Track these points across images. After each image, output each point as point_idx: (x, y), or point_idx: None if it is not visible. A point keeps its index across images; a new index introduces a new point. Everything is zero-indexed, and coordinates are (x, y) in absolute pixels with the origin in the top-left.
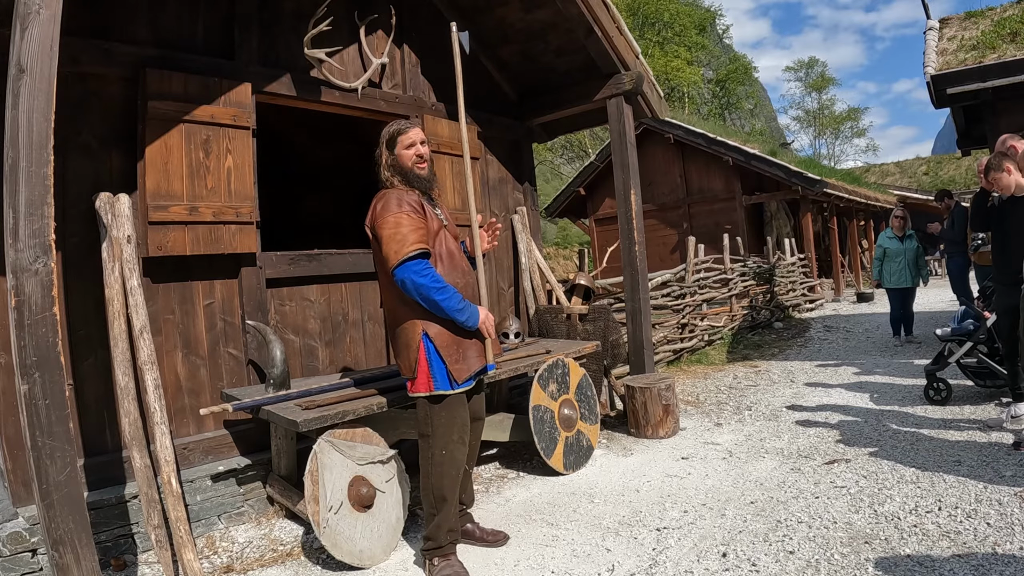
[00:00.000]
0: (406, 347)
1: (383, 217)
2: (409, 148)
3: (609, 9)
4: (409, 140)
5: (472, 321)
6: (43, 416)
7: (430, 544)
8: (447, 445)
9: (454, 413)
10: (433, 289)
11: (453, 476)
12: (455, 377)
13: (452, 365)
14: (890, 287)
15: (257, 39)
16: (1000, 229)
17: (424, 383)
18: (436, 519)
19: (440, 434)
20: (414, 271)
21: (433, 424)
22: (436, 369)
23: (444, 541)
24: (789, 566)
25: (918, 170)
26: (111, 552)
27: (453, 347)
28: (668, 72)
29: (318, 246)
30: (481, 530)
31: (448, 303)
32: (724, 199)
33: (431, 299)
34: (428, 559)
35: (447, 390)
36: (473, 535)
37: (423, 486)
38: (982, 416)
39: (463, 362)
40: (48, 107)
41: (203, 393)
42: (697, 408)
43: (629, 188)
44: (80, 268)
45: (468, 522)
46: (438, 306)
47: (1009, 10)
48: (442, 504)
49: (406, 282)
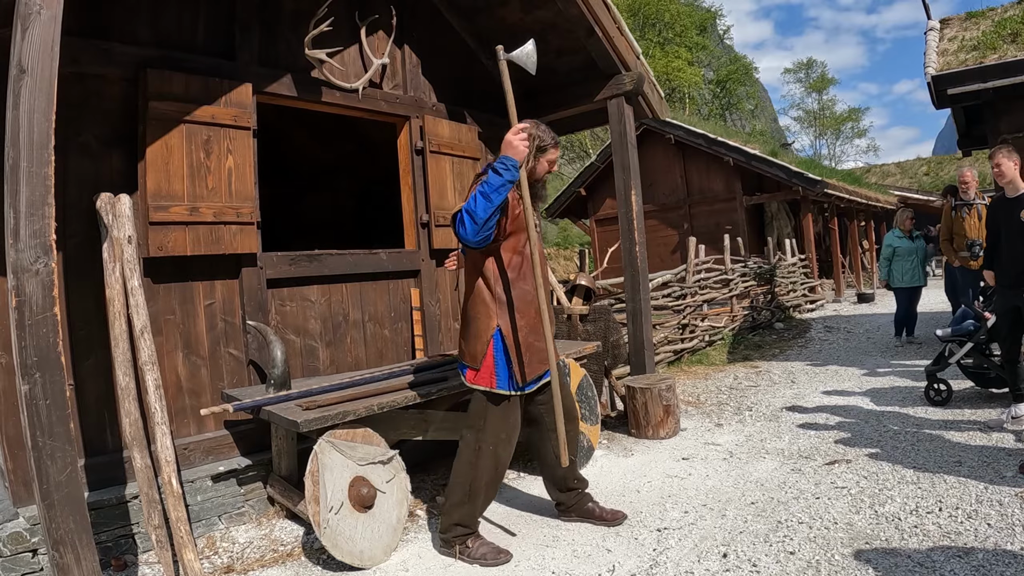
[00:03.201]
0: (476, 337)
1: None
2: (549, 163)
3: (610, 9)
4: (553, 156)
5: (507, 161)
6: (44, 416)
7: (461, 531)
8: (496, 442)
9: (508, 413)
10: (473, 201)
11: (492, 473)
12: (518, 380)
13: (517, 368)
14: (901, 287)
15: (258, 39)
16: (999, 231)
17: (487, 378)
18: (469, 508)
19: (491, 431)
20: (462, 214)
21: (486, 419)
22: (500, 368)
23: (475, 527)
24: (790, 567)
25: (919, 171)
26: (111, 552)
27: (523, 349)
28: (669, 73)
29: (319, 246)
30: (601, 509)
31: (486, 188)
32: (725, 199)
33: (479, 206)
34: (460, 543)
35: (506, 390)
36: (594, 513)
37: (457, 474)
38: (983, 417)
39: (528, 365)
40: (49, 107)
41: (204, 393)
42: (698, 409)
43: (630, 188)
44: (81, 268)
45: (588, 501)
46: (484, 200)
47: (1010, 10)
48: (477, 497)
49: (466, 226)
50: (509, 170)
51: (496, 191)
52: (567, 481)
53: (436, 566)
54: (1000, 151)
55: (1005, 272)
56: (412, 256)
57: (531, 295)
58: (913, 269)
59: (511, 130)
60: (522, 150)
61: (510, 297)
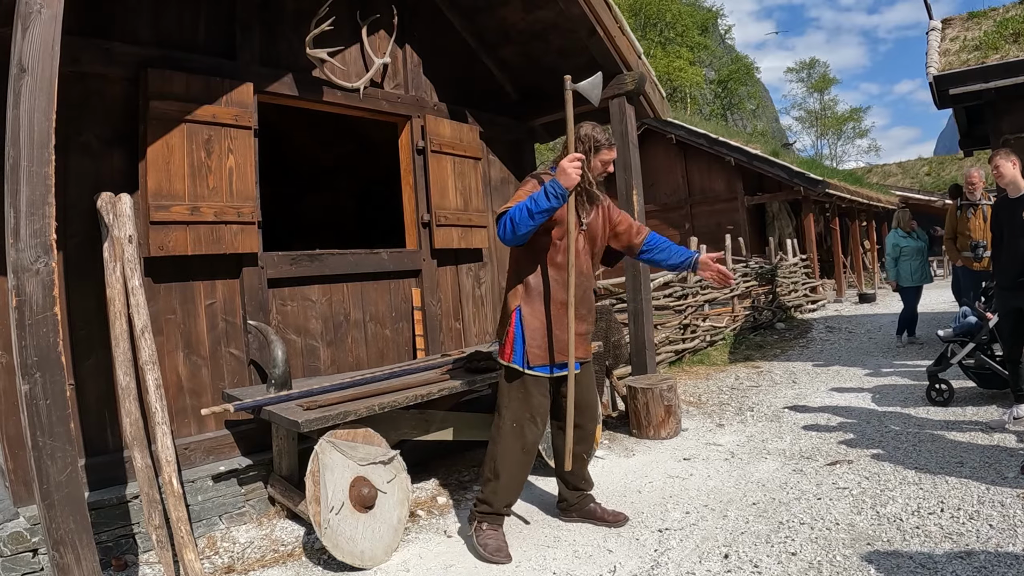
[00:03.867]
0: (505, 317)
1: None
2: (603, 163)
3: (611, 9)
4: (609, 157)
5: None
6: (44, 416)
7: (485, 508)
8: (520, 420)
9: (527, 391)
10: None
11: (516, 453)
12: (528, 359)
13: (530, 347)
14: (909, 285)
15: (259, 39)
16: (1001, 231)
17: (508, 353)
18: (494, 485)
19: (511, 405)
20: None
21: (508, 397)
22: (517, 344)
23: (499, 509)
24: (791, 568)
25: (920, 171)
26: (112, 552)
27: (538, 332)
28: (670, 72)
29: (320, 246)
30: (603, 510)
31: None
32: (726, 199)
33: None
34: (478, 521)
35: (519, 366)
36: (595, 514)
37: (489, 450)
38: (984, 417)
39: (540, 349)
40: (49, 107)
41: (204, 393)
42: (699, 409)
43: (631, 188)
44: (81, 268)
45: (591, 502)
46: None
47: (1012, 10)
48: (498, 475)
49: (506, 230)
50: (557, 197)
51: (541, 213)
52: (576, 479)
53: (437, 566)
54: (998, 153)
55: (1005, 273)
56: (413, 256)
57: (559, 288)
58: (922, 267)
59: (568, 157)
60: (575, 178)
61: (538, 285)
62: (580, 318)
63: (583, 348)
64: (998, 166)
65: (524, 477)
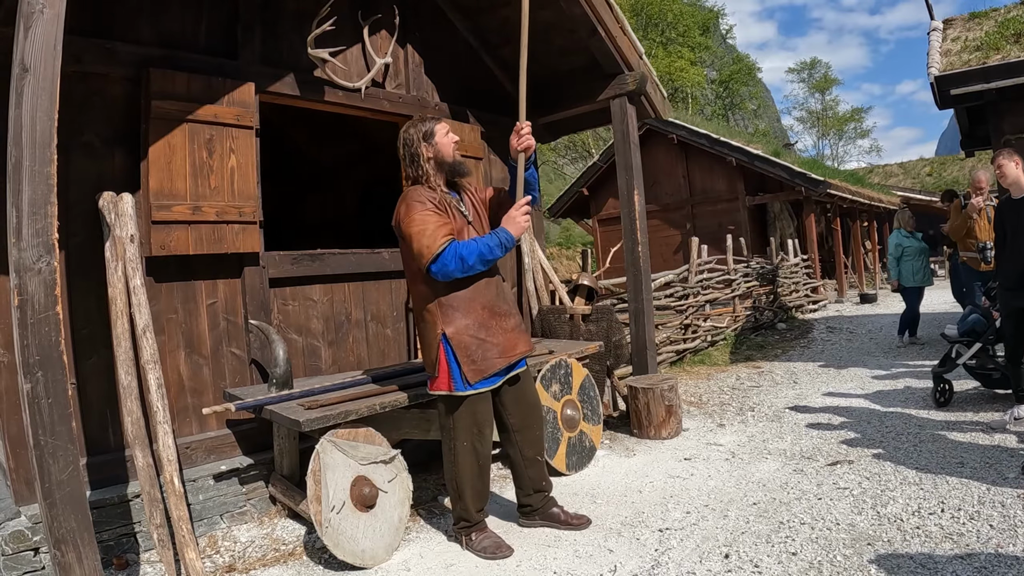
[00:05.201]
0: (428, 347)
1: (409, 216)
2: (447, 137)
3: (613, 9)
4: (445, 130)
5: (510, 239)
6: (46, 415)
7: (464, 524)
8: (468, 438)
9: (473, 409)
10: (469, 256)
11: (473, 467)
12: (468, 379)
13: (467, 367)
14: (913, 286)
15: (260, 39)
16: (1005, 232)
17: (445, 382)
18: (463, 503)
19: (460, 427)
20: (448, 259)
21: (453, 419)
22: (453, 370)
23: (476, 519)
24: (792, 568)
25: (921, 171)
26: (113, 551)
27: (472, 347)
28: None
29: (321, 246)
30: (566, 513)
31: (485, 252)
32: (727, 200)
33: (474, 264)
34: (465, 535)
35: (462, 391)
36: (558, 518)
37: (447, 473)
38: (985, 418)
39: (481, 362)
40: (51, 106)
41: (206, 392)
42: (700, 409)
43: (632, 188)
44: (83, 267)
45: (553, 506)
46: (484, 259)
47: (1013, 11)
48: (462, 493)
49: (447, 273)
50: (506, 248)
51: (492, 259)
52: (536, 482)
53: (438, 565)
54: (1001, 153)
55: (1007, 273)
56: None
57: (472, 294)
58: (924, 268)
59: (516, 206)
60: (524, 227)
61: (453, 301)
62: (503, 314)
63: (523, 341)
64: (1001, 166)
65: (487, 481)
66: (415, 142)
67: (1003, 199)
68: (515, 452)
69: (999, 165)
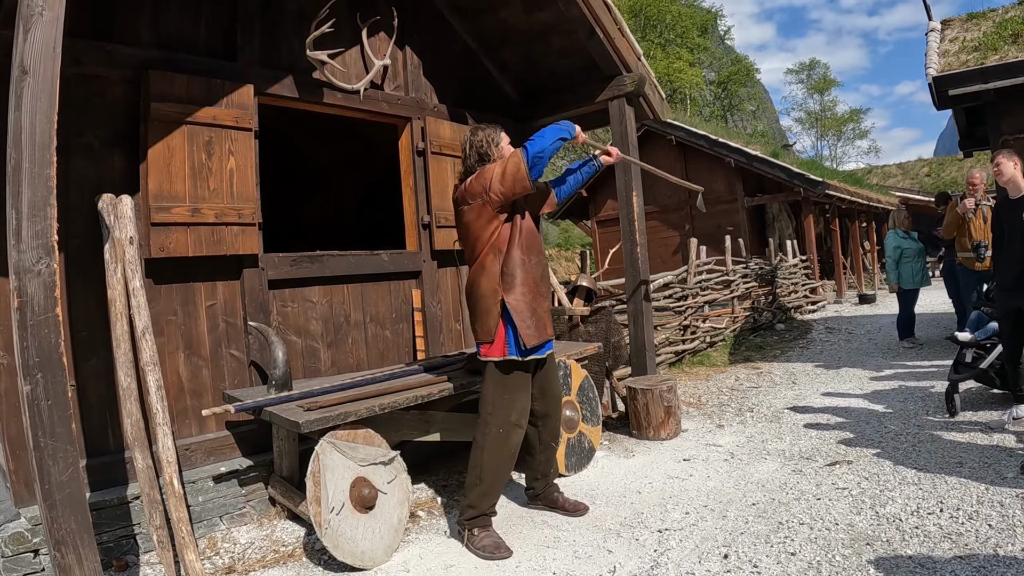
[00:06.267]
0: (487, 313)
1: (495, 167)
2: (509, 146)
3: (611, 11)
4: (507, 140)
5: (570, 126)
6: (45, 417)
7: (472, 512)
8: (505, 425)
9: (515, 396)
10: (537, 141)
11: (505, 456)
12: (524, 342)
13: (523, 331)
14: (911, 287)
15: (259, 41)
16: (1002, 231)
17: (500, 347)
18: (480, 488)
19: (499, 415)
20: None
21: (494, 404)
22: (509, 335)
23: (487, 511)
24: (791, 568)
25: (920, 171)
26: (113, 553)
27: (527, 314)
28: (670, 74)
29: (320, 247)
30: (565, 499)
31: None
32: (726, 201)
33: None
34: (468, 528)
35: (516, 356)
36: (557, 503)
37: (473, 458)
38: (984, 418)
39: (533, 329)
40: (51, 108)
41: (205, 394)
42: (699, 410)
43: (631, 190)
44: (82, 269)
45: (555, 491)
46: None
47: (1011, 11)
48: (482, 480)
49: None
50: (569, 132)
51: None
52: (545, 467)
53: (437, 566)
54: (1001, 152)
55: (1005, 273)
56: (413, 257)
57: (527, 268)
58: (922, 270)
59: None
60: (582, 135)
61: (513, 271)
62: (543, 295)
63: (552, 326)
64: (999, 164)
65: (508, 477)
66: (486, 144)
67: (1000, 199)
68: (535, 436)
69: (997, 163)
